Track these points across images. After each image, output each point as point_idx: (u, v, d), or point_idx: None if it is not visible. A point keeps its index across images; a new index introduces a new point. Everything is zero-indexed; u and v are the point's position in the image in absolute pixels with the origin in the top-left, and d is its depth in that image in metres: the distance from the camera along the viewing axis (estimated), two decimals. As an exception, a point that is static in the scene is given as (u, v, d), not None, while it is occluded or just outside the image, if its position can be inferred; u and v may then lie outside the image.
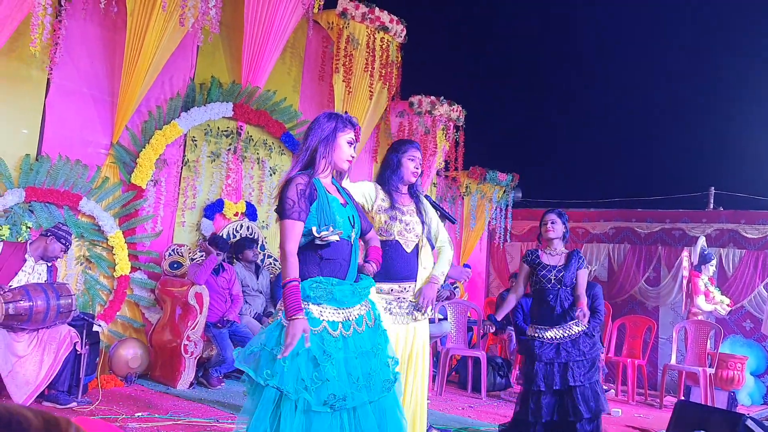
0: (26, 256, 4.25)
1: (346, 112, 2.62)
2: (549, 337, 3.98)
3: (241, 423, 2.33)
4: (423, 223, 3.19)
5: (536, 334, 4.02)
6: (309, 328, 2.18)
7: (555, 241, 4.14)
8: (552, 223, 4.12)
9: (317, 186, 2.35)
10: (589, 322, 4.07)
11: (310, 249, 2.29)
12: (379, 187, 3.15)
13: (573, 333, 3.98)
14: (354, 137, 2.45)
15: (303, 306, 2.21)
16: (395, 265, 3.07)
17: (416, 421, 3.06)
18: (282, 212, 2.26)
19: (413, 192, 3.25)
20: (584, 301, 4.05)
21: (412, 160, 3.18)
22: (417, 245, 3.17)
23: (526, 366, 4.05)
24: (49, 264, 4.38)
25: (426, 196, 4.04)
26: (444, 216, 4.06)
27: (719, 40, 10.53)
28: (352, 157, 2.46)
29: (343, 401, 2.17)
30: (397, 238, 3.09)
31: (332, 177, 2.47)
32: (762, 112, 9.77)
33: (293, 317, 2.15)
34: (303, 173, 2.34)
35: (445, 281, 6.57)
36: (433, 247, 3.32)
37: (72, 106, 5.23)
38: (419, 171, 3.21)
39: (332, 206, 2.34)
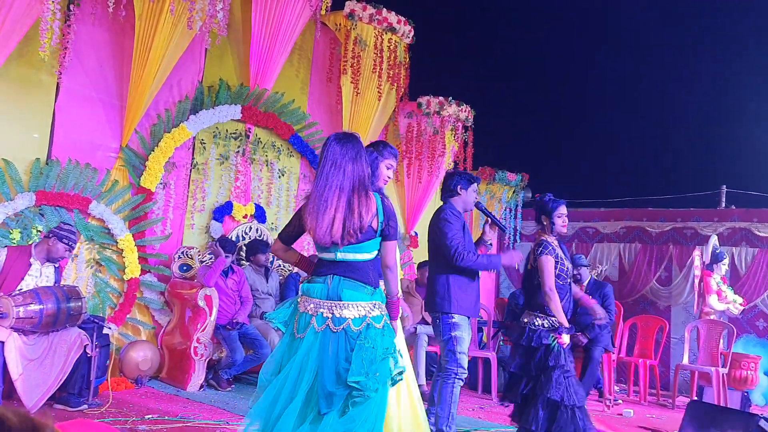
0: (31, 260, 4.25)
1: (345, 133, 2.81)
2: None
3: (246, 422, 2.58)
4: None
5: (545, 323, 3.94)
6: None
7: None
8: (566, 215, 4.10)
9: None
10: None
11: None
12: None
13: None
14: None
15: (380, 309, 2.65)
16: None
17: (417, 416, 3.06)
18: (396, 235, 2.69)
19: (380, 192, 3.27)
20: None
21: (389, 168, 3.20)
22: None
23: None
24: (56, 265, 4.39)
25: (478, 204, 4.05)
26: (495, 223, 4.07)
27: (730, 39, 10.44)
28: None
29: None
30: None
31: None
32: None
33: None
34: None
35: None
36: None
37: (81, 110, 5.26)
38: (390, 180, 3.23)
39: None
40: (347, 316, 2.53)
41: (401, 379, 2.64)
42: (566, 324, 3.84)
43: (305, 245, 6.11)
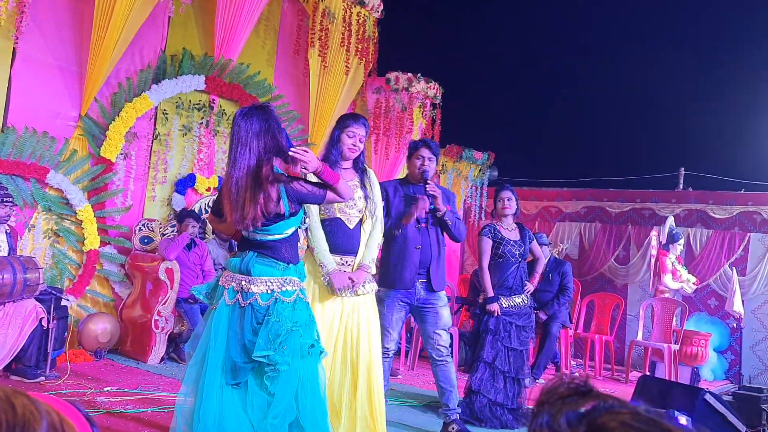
0: None
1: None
2: (505, 306, 4.32)
3: (181, 395, 2.76)
4: (366, 197, 3.22)
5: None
6: None
7: (510, 216, 4.40)
8: (508, 200, 4.35)
9: None
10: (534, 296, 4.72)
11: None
12: None
13: (521, 303, 4.40)
14: None
15: (293, 284, 2.69)
16: (336, 240, 3.14)
17: (372, 393, 3.13)
18: (317, 195, 2.78)
19: (358, 167, 3.26)
20: (537, 278, 4.76)
21: (351, 136, 3.17)
22: (360, 220, 3.22)
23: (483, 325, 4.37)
24: (7, 230, 4.27)
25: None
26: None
27: (688, 24, 10.61)
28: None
29: None
30: (338, 215, 3.14)
31: None
32: (731, 94, 9.91)
33: None
34: None
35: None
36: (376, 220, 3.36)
37: (38, 76, 5.10)
38: (358, 147, 3.20)
39: None
40: (255, 291, 2.59)
41: (321, 352, 2.65)
42: (491, 294, 4.27)
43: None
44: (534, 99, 11.65)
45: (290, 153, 2.61)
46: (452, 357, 3.88)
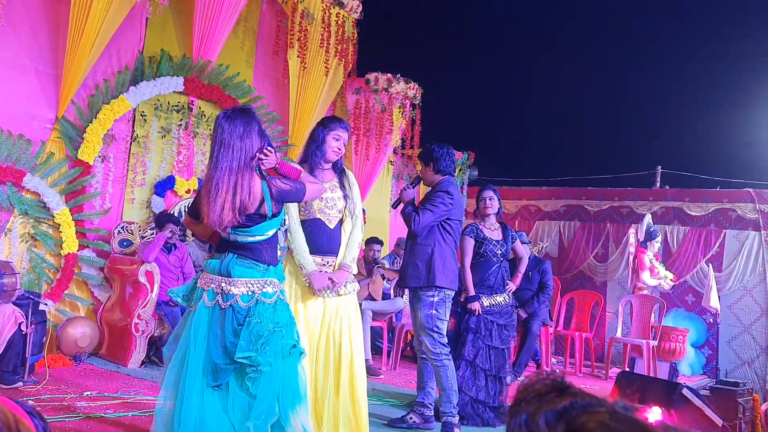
0: None
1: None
2: (487, 305, 4.34)
3: (160, 398, 2.73)
4: (346, 197, 3.24)
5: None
6: None
7: (492, 216, 4.42)
8: (490, 199, 4.38)
9: None
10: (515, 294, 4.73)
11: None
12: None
13: (503, 302, 4.43)
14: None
15: (273, 286, 2.69)
16: (317, 240, 3.16)
17: (355, 393, 3.13)
18: (297, 193, 2.80)
19: (338, 167, 3.30)
20: (520, 277, 4.78)
21: (337, 139, 3.22)
22: (340, 220, 3.24)
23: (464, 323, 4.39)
24: None
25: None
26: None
27: (665, 24, 10.77)
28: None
29: None
30: (317, 216, 3.16)
31: None
32: (707, 94, 10.08)
33: None
34: None
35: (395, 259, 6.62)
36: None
37: (14, 78, 5.03)
38: (342, 150, 3.25)
39: None
40: (235, 292, 2.60)
41: (302, 353, 2.66)
42: (472, 293, 4.27)
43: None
44: (513, 99, 11.74)
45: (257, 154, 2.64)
46: (441, 359, 3.82)
